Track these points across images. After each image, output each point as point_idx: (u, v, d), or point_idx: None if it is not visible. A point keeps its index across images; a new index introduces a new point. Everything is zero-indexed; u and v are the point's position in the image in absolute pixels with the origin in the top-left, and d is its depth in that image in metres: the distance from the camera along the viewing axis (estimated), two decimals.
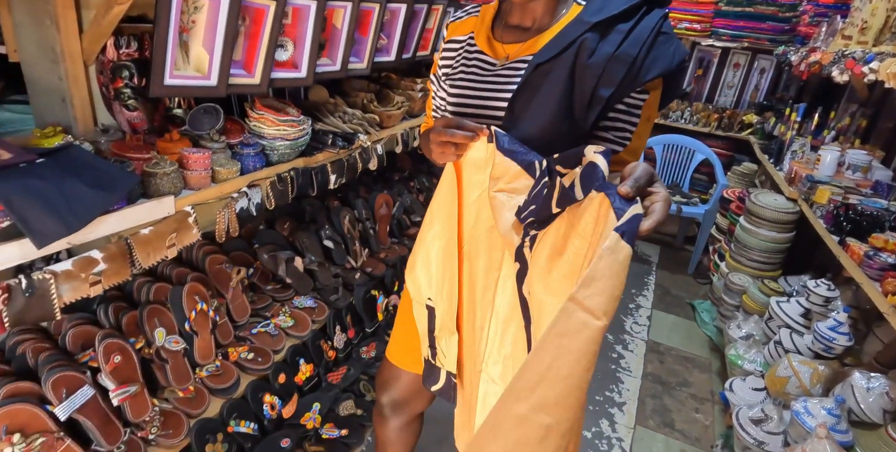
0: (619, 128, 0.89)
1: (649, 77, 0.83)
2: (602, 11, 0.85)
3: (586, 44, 0.84)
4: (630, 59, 0.82)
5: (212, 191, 1.31)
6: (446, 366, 1.07)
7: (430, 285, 1.04)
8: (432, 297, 1.04)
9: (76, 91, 1.29)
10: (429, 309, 1.05)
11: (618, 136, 0.90)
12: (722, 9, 3.40)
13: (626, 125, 0.89)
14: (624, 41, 0.83)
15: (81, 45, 1.26)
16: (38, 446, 1.05)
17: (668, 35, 0.85)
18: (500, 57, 0.96)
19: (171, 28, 1.14)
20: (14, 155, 1.00)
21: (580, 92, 0.85)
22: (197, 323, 1.41)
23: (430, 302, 1.05)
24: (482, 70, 0.98)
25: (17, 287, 0.96)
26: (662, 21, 0.85)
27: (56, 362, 1.15)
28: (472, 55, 1.00)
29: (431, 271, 1.03)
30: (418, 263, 1.05)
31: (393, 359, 1.24)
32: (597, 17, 0.85)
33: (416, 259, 1.06)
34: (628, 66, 0.82)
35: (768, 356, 1.98)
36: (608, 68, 0.83)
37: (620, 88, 0.84)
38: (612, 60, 0.82)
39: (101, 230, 1.06)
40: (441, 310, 1.03)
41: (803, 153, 2.54)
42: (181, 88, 1.25)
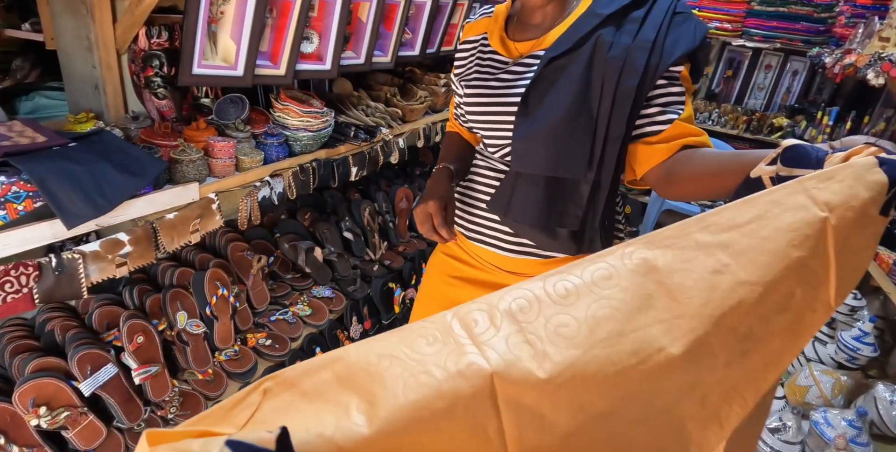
0: (668, 102, 0.86)
1: (674, 58, 0.81)
2: (614, 2, 0.84)
3: (603, 39, 0.83)
4: (649, 44, 0.81)
5: (235, 179, 1.33)
6: None
7: None
8: None
9: (109, 79, 1.33)
10: None
11: (673, 108, 0.86)
12: (754, 8, 3.32)
13: (674, 96, 0.86)
14: (640, 29, 0.82)
15: (115, 34, 1.30)
16: (63, 419, 1.09)
17: (685, 14, 0.83)
18: (514, 56, 0.96)
19: (200, 18, 1.16)
20: (48, 138, 1.03)
21: (602, 87, 0.84)
22: (218, 308, 1.45)
23: None
24: (495, 69, 0.98)
25: (48, 265, 1.00)
26: (676, 1, 0.83)
27: (82, 340, 1.19)
28: (485, 55, 1.00)
29: None
30: None
31: None
32: (609, 9, 0.84)
33: None
34: (649, 52, 0.81)
35: None
36: (629, 57, 0.81)
37: (646, 76, 0.82)
38: (631, 49, 0.81)
39: (129, 213, 1.09)
40: None
41: None
42: (209, 78, 1.28)
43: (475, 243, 1.05)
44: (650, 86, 0.83)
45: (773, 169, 0.59)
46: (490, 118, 0.96)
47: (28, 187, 0.94)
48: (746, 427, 0.51)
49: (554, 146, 0.86)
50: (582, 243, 1.03)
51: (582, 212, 0.93)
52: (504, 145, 0.97)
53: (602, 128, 0.85)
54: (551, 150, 0.87)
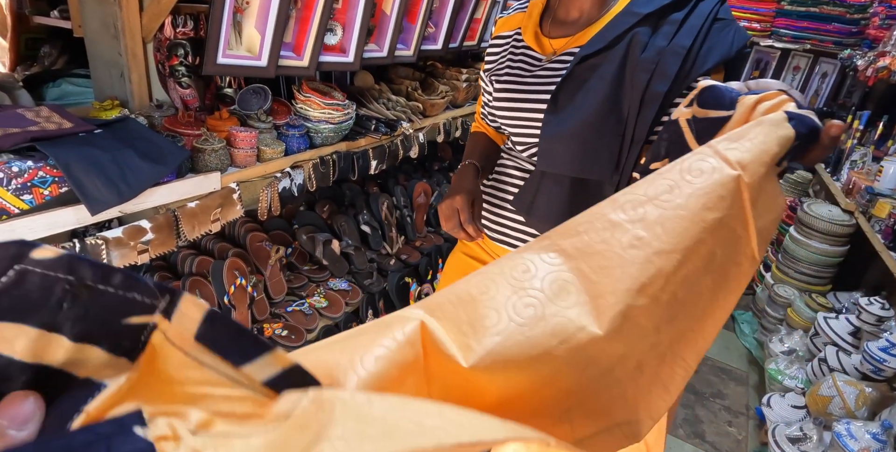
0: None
1: (706, 68, 0.79)
2: (653, 1, 0.82)
3: (638, 38, 0.81)
4: (684, 50, 0.78)
5: (256, 170, 1.34)
6: None
7: None
8: None
9: (134, 67, 1.34)
10: None
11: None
12: (785, 8, 3.24)
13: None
14: (677, 32, 0.79)
15: (141, 22, 1.31)
16: None
17: (726, 21, 0.80)
18: (548, 52, 0.94)
19: (226, 8, 1.16)
20: (75, 124, 1.04)
21: (632, 88, 0.82)
22: (235, 297, 1.45)
23: None
24: (528, 65, 0.96)
25: (72, 250, 1.00)
26: (719, 6, 0.80)
27: None
28: (518, 50, 0.98)
29: None
30: None
31: None
32: (647, 8, 0.81)
33: None
34: (682, 59, 0.78)
35: (811, 373, 1.90)
36: (662, 62, 0.79)
37: (676, 83, 0.79)
38: (665, 54, 0.79)
39: (151, 201, 1.10)
40: None
41: (864, 163, 2.41)
42: (233, 67, 1.28)
43: (499, 244, 1.04)
44: (678, 93, 0.81)
45: (689, 110, 0.60)
46: (519, 115, 0.95)
47: (54, 172, 0.95)
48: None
49: (581, 147, 0.84)
50: None
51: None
52: (532, 144, 0.95)
53: (630, 130, 0.83)
54: (578, 151, 0.85)
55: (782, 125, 0.52)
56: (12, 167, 0.90)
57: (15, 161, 0.91)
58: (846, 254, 2.32)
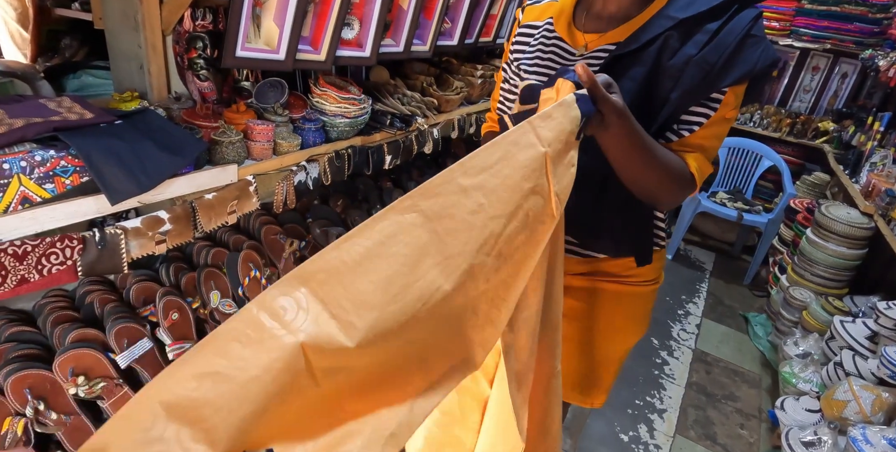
0: (690, 121, 0.85)
1: (725, 83, 0.79)
2: (690, 7, 0.81)
3: (669, 43, 0.81)
4: (709, 66, 0.79)
5: (273, 163, 1.34)
6: None
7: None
8: None
9: (153, 59, 1.34)
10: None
11: (682, 127, 0.85)
12: (805, 6, 3.19)
13: (700, 116, 0.85)
14: (708, 43, 0.79)
15: (161, 14, 1.32)
16: (99, 389, 1.12)
17: (758, 38, 0.79)
18: (580, 45, 0.93)
19: (245, 2, 1.17)
20: (95, 115, 1.05)
21: (657, 91, 0.82)
22: (249, 288, 1.46)
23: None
24: (560, 58, 0.95)
25: (92, 239, 1.02)
26: (753, 23, 0.79)
27: (120, 314, 1.22)
28: (550, 41, 0.97)
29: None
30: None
31: None
32: (684, 13, 0.81)
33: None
34: (705, 73, 0.79)
35: (826, 377, 1.87)
36: (686, 73, 0.79)
37: (694, 93, 0.81)
38: (691, 65, 0.79)
39: (170, 192, 1.11)
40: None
41: (884, 166, 2.37)
42: (251, 61, 1.28)
43: None
44: (694, 102, 0.82)
45: (514, 106, 0.77)
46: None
47: (76, 162, 0.96)
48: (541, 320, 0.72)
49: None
50: (622, 244, 1.01)
51: (625, 212, 0.91)
52: None
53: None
54: (600, 147, 0.85)
55: (573, 106, 0.67)
56: (35, 156, 0.92)
57: (38, 150, 0.93)
58: (864, 258, 2.28)
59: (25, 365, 1.09)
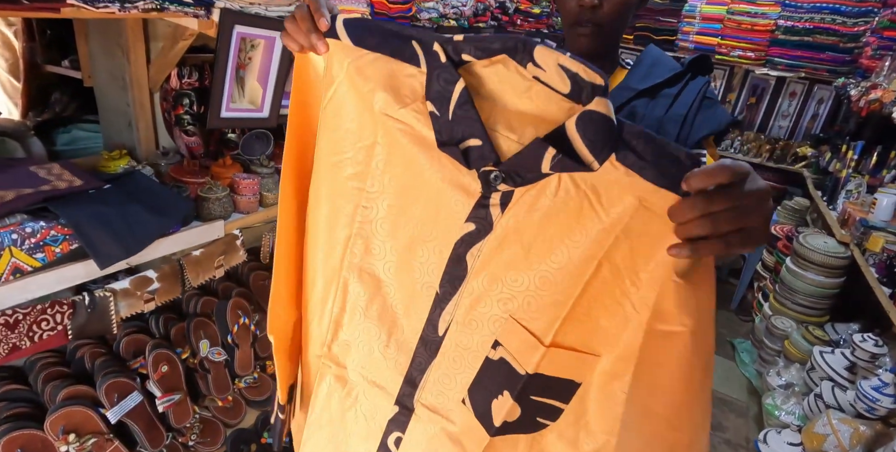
0: None
1: (699, 135, 0.84)
2: (648, 78, 0.87)
3: (636, 110, 0.86)
4: (681, 118, 0.84)
5: (259, 216, 1.38)
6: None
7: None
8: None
9: (141, 116, 1.39)
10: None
11: None
12: (778, 37, 3.30)
13: None
14: (672, 104, 0.85)
15: (149, 74, 1.37)
16: (90, 446, 1.14)
17: (712, 100, 0.87)
18: None
19: (229, 65, 1.22)
20: (84, 182, 1.09)
21: None
22: (239, 336, 1.49)
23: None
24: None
25: (82, 303, 1.05)
26: (706, 87, 0.86)
27: (110, 368, 1.24)
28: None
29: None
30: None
31: None
32: (643, 84, 0.87)
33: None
34: (681, 124, 0.84)
35: (807, 409, 1.91)
36: (662, 129, 0.84)
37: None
38: (664, 122, 0.84)
39: (157, 251, 1.14)
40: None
41: (859, 194, 2.44)
42: (236, 120, 1.33)
43: None
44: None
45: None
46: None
47: (65, 231, 0.99)
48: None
49: None
50: None
51: None
52: None
53: None
54: None
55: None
56: (26, 228, 0.95)
57: (28, 222, 0.96)
58: (843, 286, 2.33)
59: (17, 425, 1.10)
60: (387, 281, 0.71)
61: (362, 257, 0.72)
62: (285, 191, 0.77)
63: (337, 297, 0.76)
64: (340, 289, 0.76)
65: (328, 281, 0.77)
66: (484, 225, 0.60)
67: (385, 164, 0.65)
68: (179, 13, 1.00)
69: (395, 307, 0.72)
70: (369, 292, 0.73)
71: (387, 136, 0.64)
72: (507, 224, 0.59)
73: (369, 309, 0.74)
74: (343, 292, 0.75)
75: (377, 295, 0.73)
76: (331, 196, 0.72)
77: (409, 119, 0.60)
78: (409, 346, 0.72)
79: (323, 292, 0.79)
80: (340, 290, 0.76)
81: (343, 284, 0.75)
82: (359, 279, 0.73)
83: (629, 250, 0.54)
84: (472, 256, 0.62)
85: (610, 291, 0.56)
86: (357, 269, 0.73)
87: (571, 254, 0.56)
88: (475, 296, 0.64)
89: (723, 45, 3.43)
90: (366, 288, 0.73)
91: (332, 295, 0.77)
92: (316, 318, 0.82)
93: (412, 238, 0.66)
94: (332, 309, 0.78)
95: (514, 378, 0.64)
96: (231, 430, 1.45)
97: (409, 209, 0.65)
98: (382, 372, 0.76)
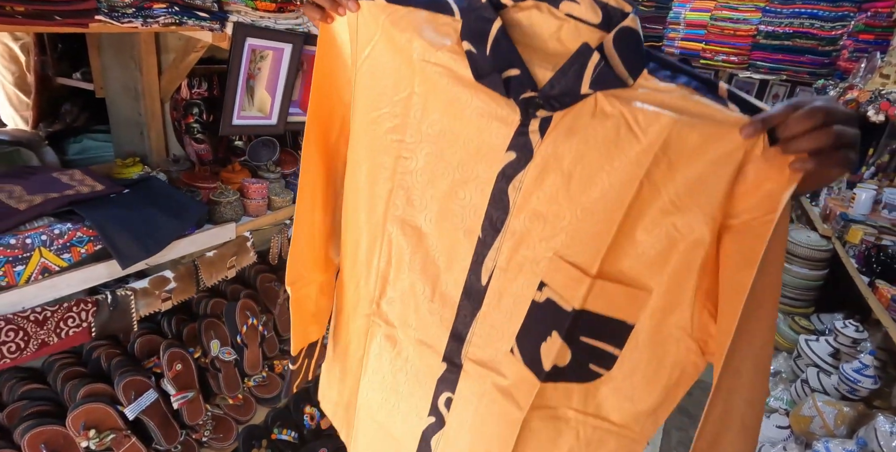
0: None
1: None
2: None
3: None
4: None
5: (267, 219, 1.44)
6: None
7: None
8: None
9: (153, 125, 1.46)
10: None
11: None
12: (760, 42, 3.42)
13: None
14: None
15: (160, 85, 1.43)
16: (110, 441, 1.19)
17: None
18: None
19: (240, 76, 1.29)
20: (105, 186, 1.15)
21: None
22: (248, 336, 1.54)
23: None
24: None
25: (104, 301, 1.10)
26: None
27: (126, 367, 1.29)
28: None
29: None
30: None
31: None
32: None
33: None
34: None
35: (794, 394, 1.98)
36: None
37: None
38: None
39: (174, 253, 1.20)
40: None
41: (839, 190, 2.54)
42: (246, 127, 1.40)
43: None
44: None
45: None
46: None
47: (90, 232, 1.05)
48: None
49: None
50: None
51: None
52: None
53: None
54: None
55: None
56: (54, 230, 1.01)
57: (56, 224, 1.02)
58: (826, 277, 2.42)
59: (40, 421, 1.15)
60: (428, 232, 0.72)
61: (404, 209, 0.73)
62: (308, 151, 0.80)
63: (383, 252, 0.77)
64: (386, 244, 0.76)
65: (373, 238, 0.78)
66: (524, 152, 0.61)
67: (423, 112, 0.67)
68: (196, 27, 1.06)
69: (438, 259, 0.72)
70: (412, 245, 0.74)
71: (424, 84, 0.66)
72: (547, 150, 0.60)
73: (413, 263, 0.74)
74: (388, 246, 0.76)
75: (419, 248, 0.73)
76: (371, 153, 0.74)
77: (446, 61, 0.63)
78: (454, 299, 0.72)
79: (368, 250, 0.79)
80: (386, 245, 0.76)
81: (388, 238, 0.75)
82: (402, 232, 0.74)
83: (668, 167, 0.55)
84: (514, 189, 0.63)
85: (651, 213, 0.58)
86: (399, 222, 0.74)
87: (612, 180, 0.58)
88: (517, 238, 0.64)
89: (707, 50, 3.55)
90: (408, 240, 0.74)
91: (378, 250, 0.77)
92: (363, 277, 0.82)
93: (452, 182, 0.67)
94: (378, 264, 0.78)
95: (561, 317, 0.64)
96: (242, 427, 1.50)
97: (449, 153, 0.67)
98: (429, 328, 0.76)
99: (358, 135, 0.76)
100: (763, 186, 0.53)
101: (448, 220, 0.69)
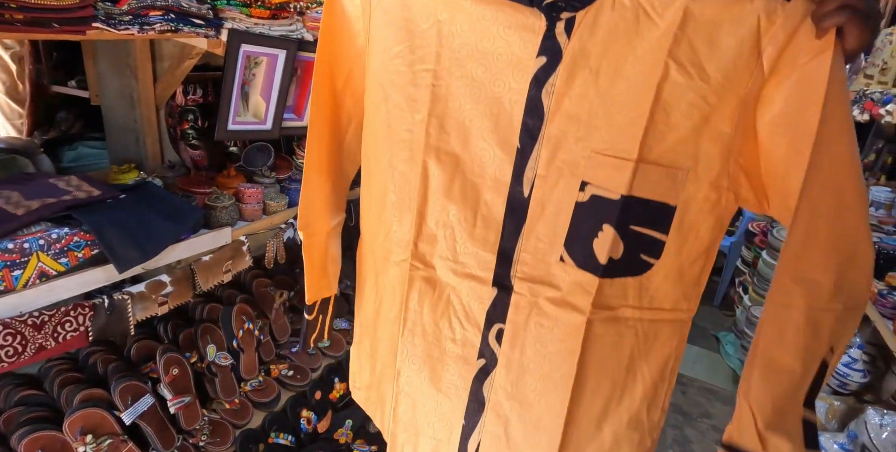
0: None
1: None
2: None
3: None
4: None
5: (263, 223, 1.45)
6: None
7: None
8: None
9: (148, 132, 1.47)
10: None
11: None
12: None
13: None
14: None
15: (155, 92, 1.45)
16: (106, 446, 1.19)
17: None
18: None
19: (235, 82, 1.30)
20: (102, 192, 1.16)
21: None
22: (244, 341, 1.55)
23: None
24: None
25: (101, 305, 1.11)
26: None
27: (122, 372, 1.30)
28: None
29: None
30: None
31: None
32: None
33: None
34: None
35: None
36: None
37: None
38: None
39: (170, 257, 1.21)
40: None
41: None
42: (241, 132, 1.41)
43: None
44: None
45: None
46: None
47: (87, 237, 1.06)
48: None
49: None
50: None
51: None
52: None
53: None
54: None
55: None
56: (52, 234, 1.02)
57: (53, 229, 1.03)
58: None
59: (37, 427, 1.15)
60: (464, 157, 0.73)
61: (438, 137, 0.73)
62: (317, 97, 0.83)
63: (418, 187, 0.76)
64: (421, 178, 0.76)
65: (404, 177, 0.78)
66: (554, 53, 0.64)
67: (449, 38, 0.69)
68: (192, 34, 1.08)
69: (476, 181, 0.73)
70: (448, 172, 0.74)
71: (448, 10, 0.69)
72: (575, 48, 0.63)
73: (451, 190, 0.74)
74: (424, 179, 0.76)
75: (457, 174, 0.74)
76: (396, 88, 0.75)
77: None
78: (497, 219, 0.73)
79: (399, 190, 0.79)
80: (421, 179, 0.76)
81: (423, 170, 0.75)
82: (437, 160, 0.74)
83: (688, 44, 0.59)
84: (547, 94, 0.66)
85: (680, 91, 0.61)
86: (434, 150, 0.74)
87: (637, 68, 0.61)
88: (553, 143, 0.67)
89: None
90: (444, 168, 0.74)
91: (411, 187, 0.77)
92: (395, 221, 0.82)
93: (486, 100, 0.69)
94: (411, 203, 0.78)
95: (610, 208, 0.66)
96: (239, 431, 1.50)
97: (480, 72, 0.68)
98: (473, 257, 0.75)
99: (377, 76, 0.77)
100: (799, 31, 0.56)
101: (484, 139, 0.71)
